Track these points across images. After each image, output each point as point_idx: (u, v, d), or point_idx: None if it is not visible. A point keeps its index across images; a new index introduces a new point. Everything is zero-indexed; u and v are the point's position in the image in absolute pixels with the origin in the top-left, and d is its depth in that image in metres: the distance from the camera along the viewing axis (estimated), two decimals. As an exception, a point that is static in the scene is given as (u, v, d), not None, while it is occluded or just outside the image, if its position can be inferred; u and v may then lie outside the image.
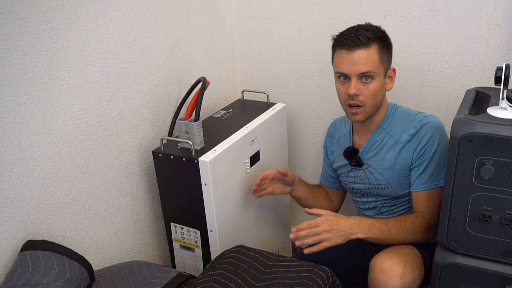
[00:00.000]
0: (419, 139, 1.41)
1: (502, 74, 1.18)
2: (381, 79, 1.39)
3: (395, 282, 1.30)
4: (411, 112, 1.48)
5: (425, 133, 1.40)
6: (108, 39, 1.41)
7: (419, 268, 1.39)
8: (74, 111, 1.35)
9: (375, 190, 1.52)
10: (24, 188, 1.24)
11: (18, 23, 1.16)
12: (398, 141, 1.45)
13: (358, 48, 1.35)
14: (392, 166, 1.46)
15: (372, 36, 1.35)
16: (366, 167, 1.51)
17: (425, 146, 1.40)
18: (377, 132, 1.48)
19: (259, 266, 1.26)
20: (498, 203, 1.16)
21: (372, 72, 1.36)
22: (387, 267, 1.32)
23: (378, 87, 1.39)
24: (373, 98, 1.39)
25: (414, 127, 1.42)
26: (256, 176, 1.58)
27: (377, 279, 1.33)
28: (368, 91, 1.38)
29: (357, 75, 1.37)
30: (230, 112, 1.79)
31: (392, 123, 1.47)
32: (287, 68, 1.93)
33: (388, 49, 1.41)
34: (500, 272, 1.21)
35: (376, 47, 1.36)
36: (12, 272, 1.17)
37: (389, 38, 1.42)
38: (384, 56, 1.38)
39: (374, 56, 1.36)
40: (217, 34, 1.89)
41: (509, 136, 1.08)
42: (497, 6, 1.49)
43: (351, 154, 1.53)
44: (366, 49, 1.35)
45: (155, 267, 1.37)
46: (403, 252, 1.39)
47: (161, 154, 1.51)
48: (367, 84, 1.37)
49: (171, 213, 1.61)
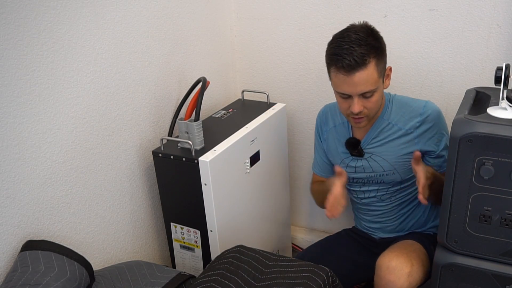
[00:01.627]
0: (430, 126, 1.43)
1: (502, 74, 1.18)
2: (380, 89, 1.38)
3: (403, 281, 1.30)
4: (408, 99, 1.49)
5: (433, 122, 1.43)
6: (108, 39, 1.41)
7: (425, 265, 1.40)
8: (74, 111, 1.35)
9: (379, 177, 1.52)
10: (24, 188, 1.24)
11: (18, 23, 1.16)
12: (403, 128, 1.45)
13: (357, 71, 1.29)
14: (399, 152, 1.46)
15: (367, 51, 1.29)
16: (368, 155, 1.50)
17: (437, 135, 1.43)
18: (378, 122, 1.48)
19: (259, 266, 1.26)
20: (498, 203, 1.16)
21: (373, 90, 1.34)
22: (394, 266, 1.32)
23: (379, 97, 1.38)
24: (376, 107, 1.40)
25: (420, 113, 1.43)
26: (256, 176, 1.58)
27: (384, 278, 1.33)
28: (371, 104, 1.37)
29: (359, 94, 1.34)
30: (230, 112, 1.79)
31: (392, 112, 1.47)
32: (287, 68, 1.93)
33: (383, 54, 1.35)
34: (500, 272, 1.21)
35: (373, 62, 1.31)
36: (12, 272, 1.17)
37: (380, 38, 1.36)
38: (381, 66, 1.34)
39: (373, 73, 1.31)
40: (217, 34, 1.89)
41: (509, 136, 1.08)
42: (497, 6, 1.49)
43: (353, 145, 1.52)
44: (365, 69, 1.30)
45: (155, 267, 1.37)
46: (409, 250, 1.39)
47: (161, 154, 1.51)
48: (369, 98, 1.35)
49: (171, 213, 1.61)
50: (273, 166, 1.80)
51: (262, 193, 1.75)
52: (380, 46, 1.35)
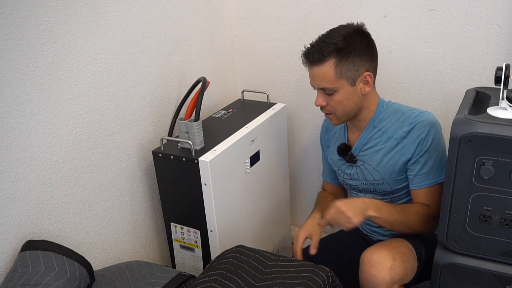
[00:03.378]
0: (415, 137, 1.40)
1: (502, 74, 1.18)
2: (345, 90, 1.38)
3: (384, 274, 1.31)
4: (404, 108, 1.46)
5: (420, 131, 1.39)
6: (108, 39, 1.41)
7: (410, 261, 1.39)
8: (74, 111, 1.35)
9: (371, 186, 1.52)
10: (24, 188, 1.24)
11: (18, 23, 1.16)
12: (392, 137, 1.44)
13: (314, 65, 1.37)
14: (386, 162, 1.46)
15: (328, 50, 1.33)
16: (361, 163, 1.51)
17: (421, 144, 1.39)
18: (368, 129, 1.48)
19: (259, 266, 1.26)
20: (498, 203, 1.16)
21: (330, 88, 1.37)
22: (376, 260, 1.33)
23: (343, 98, 1.39)
24: (341, 107, 1.41)
25: (409, 123, 1.41)
26: (256, 176, 1.58)
27: (366, 272, 1.34)
28: (333, 102, 1.40)
29: (319, 89, 1.41)
30: (230, 112, 1.79)
31: (383, 120, 1.46)
32: (287, 68, 1.93)
33: (353, 57, 1.34)
34: (500, 272, 1.21)
35: (331, 62, 1.34)
36: (12, 272, 1.17)
37: (365, 42, 1.37)
38: (344, 68, 1.34)
39: (329, 72, 1.35)
40: (217, 34, 1.89)
41: (509, 136, 1.08)
42: (497, 6, 1.49)
43: (343, 151, 1.54)
44: (321, 66, 1.35)
45: (155, 267, 1.37)
46: (393, 245, 1.39)
47: (161, 154, 1.51)
48: (331, 96, 1.39)
49: (171, 213, 1.61)
50: (273, 166, 1.80)
51: (262, 193, 1.75)
52: (347, 47, 1.34)
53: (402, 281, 1.37)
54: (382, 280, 1.31)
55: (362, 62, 1.37)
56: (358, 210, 1.30)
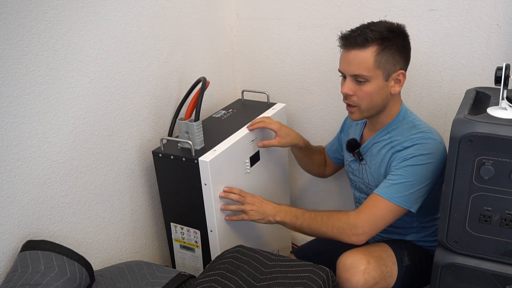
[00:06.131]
0: (406, 154, 1.35)
1: (502, 74, 1.18)
2: (378, 82, 1.34)
3: (358, 278, 1.30)
4: (419, 125, 1.41)
5: (414, 151, 1.34)
6: (108, 39, 1.41)
7: (387, 265, 1.37)
8: (74, 111, 1.35)
9: (366, 188, 1.52)
10: (24, 188, 1.24)
11: (18, 23, 1.16)
12: (393, 148, 1.41)
13: (354, 49, 1.32)
14: (380, 171, 1.44)
15: (372, 36, 1.30)
16: (364, 163, 1.51)
17: (405, 159, 1.35)
18: (381, 132, 1.46)
19: (259, 266, 1.26)
20: (498, 203, 1.16)
21: (365, 75, 1.32)
22: (350, 264, 1.32)
23: (374, 90, 1.34)
24: (368, 100, 1.36)
25: (412, 141, 1.36)
26: (256, 176, 1.58)
27: (341, 276, 1.33)
28: (362, 93, 1.35)
29: (351, 76, 1.35)
30: (230, 112, 1.79)
31: (397, 129, 1.42)
32: (287, 68, 1.93)
33: (394, 50, 1.33)
34: (500, 272, 1.21)
35: (373, 49, 1.30)
36: (12, 272, 1.17)
37: (401, 37, 1.35)
38: (384, 59, 1.31)
39: (369, 59, 1.30)
40: (217, 34, 1.89)
41: (509, 136, 1.08)
42: (497, 6, 1.49)
43: (352, 146, 1.53)
44: (361, 51, 1.31)
45: (155, 267, 1.37)
46: (370, 249, 1.39)
47: (161, 154, 1.51)
48: (361, 85, 1.34)
49: (171, 213, 1.61)
50: (273, 166, 1.80)
51: (262, 193, 1.74)
52: (394, 40, 1.33)
53: (379, 285, 1.34)
54: (356, 283, 1.30)
55: (401, 59, 1.35)
56: (261, 213, 1.46)
